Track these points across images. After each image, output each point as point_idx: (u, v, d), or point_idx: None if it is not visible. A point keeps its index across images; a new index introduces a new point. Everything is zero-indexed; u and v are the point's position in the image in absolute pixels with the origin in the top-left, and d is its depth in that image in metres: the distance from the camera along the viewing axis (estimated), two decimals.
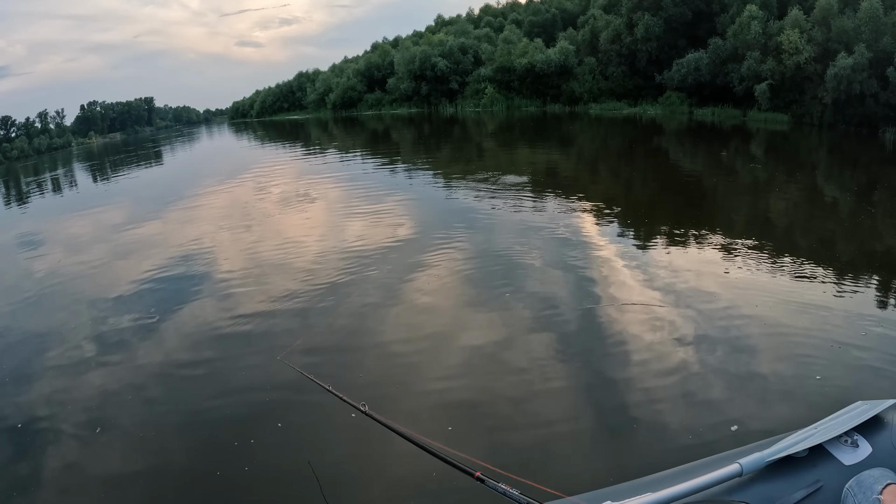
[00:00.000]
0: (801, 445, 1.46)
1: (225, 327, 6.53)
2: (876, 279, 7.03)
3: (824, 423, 1.58)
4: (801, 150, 21.73)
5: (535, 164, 18.59)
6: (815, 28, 27.00)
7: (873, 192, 13.16)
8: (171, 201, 16.06)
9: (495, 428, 4.31)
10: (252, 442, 4.33)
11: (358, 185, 16.00)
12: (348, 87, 61.32)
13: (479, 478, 1.62)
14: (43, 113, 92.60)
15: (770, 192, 13.23)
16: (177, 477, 4.07)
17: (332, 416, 4.44)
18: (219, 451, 4.31)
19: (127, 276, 8.94)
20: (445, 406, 4.64)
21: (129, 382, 5.45)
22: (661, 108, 35.47)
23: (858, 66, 24.03)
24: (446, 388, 4.90)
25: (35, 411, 5.13)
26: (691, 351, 5.18)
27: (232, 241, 10.75)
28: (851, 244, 8.86)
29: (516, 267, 7.82)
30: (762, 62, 28.57)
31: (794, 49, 26.73)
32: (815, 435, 1.51)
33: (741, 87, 30.01)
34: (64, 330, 6.94)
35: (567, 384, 4.86)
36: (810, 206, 11.57)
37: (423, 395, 4.87)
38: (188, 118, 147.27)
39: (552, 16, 52.29)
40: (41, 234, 13.86)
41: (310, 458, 4.09)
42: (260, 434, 4.40)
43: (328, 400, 3.06)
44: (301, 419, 4.58)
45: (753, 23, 29.17)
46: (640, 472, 1.80)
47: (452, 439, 4.03)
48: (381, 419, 2.23)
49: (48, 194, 25.11)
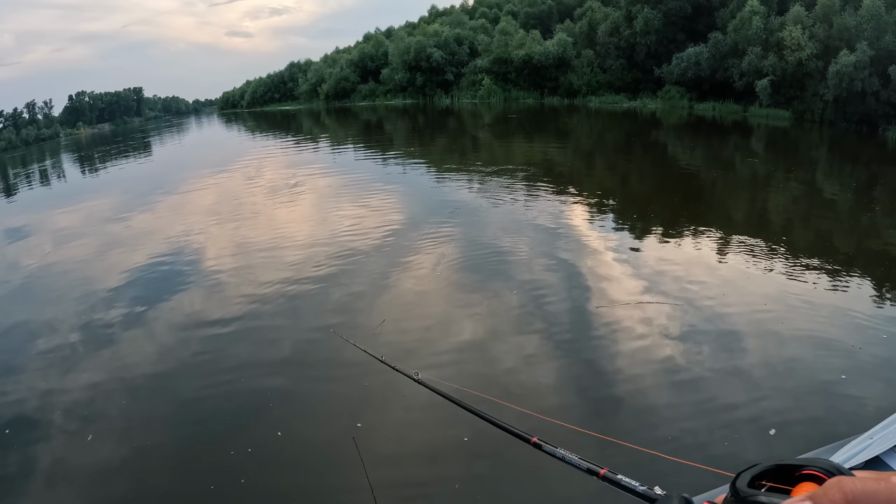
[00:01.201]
0: (858, 458, 1.44)
1: (277, 297, 7.03)
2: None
3: (878, 432, 1.55)
4: (802, 147, 21.66)
5: (542, 158, 18.24)
6: (817, 24, 26.83)
7: (874, 190, 13.11)
8: (161, 192, 15.89)
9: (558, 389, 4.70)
10: (295, 411, 4.66)
11: (361, 177, 15.72)
12: (341, 78, 60.52)
13: (536, 443, 1.58)
14: (31, 103, 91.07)
15: (786, 190, 13.05)
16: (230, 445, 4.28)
17: (384, 386, 4.78)
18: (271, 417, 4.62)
19: (122, 266, 8.88)
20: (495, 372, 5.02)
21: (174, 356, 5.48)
22: (661, 102, 35.25)
23: (860, 64, 23.91)
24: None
25: (33, 403, 5.09)
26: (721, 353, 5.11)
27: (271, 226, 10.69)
28: (869, 246, 8.71)
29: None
30: (763, 58, 28.37)
31: (796, 45, 26.55)
32: (871, 446, 1.49)
33: (741, 83, 29.81)
34: (52, 321, 6.96)
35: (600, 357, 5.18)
36: (822, 206, 11.42)
37: (470, 362, 5.20)
38: (177, 109, 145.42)
39: (548, 7, 51.82)
40: (29, 226, 13.64)
41: (360, 424, 4.36)
42: (302, 407, 4.70)
43: (380, 369, 3.30)
44: (350, 389, 4.86)
45: (755, 18, 28.92)
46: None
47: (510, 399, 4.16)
48: (435, 387, 2.24)
49: (36, 186, 24.60)
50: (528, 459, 2.89)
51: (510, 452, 3.55)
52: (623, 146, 22.08)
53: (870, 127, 24.57)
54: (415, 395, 4.37)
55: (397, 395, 4.68)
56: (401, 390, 4.65)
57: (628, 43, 37.78)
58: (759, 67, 28.45)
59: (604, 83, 40.04)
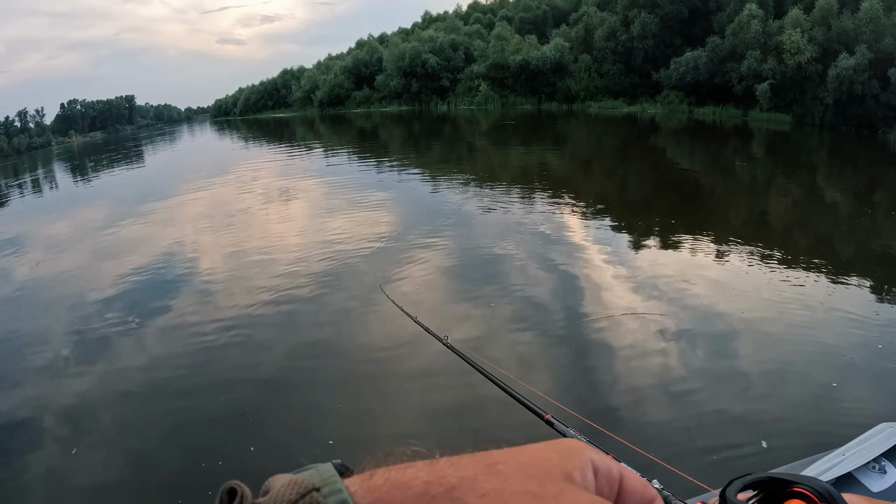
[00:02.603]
0: (830, 473, 1.45)
1: (269, 306, 6.97)
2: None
3: (851, 449, 1.56)
4: (804, 151, 21.59)
5: (556, 166, 17.95)
6: (815, 28, 26.87)
7: (874, 194, 12.99)
8: (153, 201, 15.61)
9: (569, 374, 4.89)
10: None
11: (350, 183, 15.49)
12: (335, 85, 60.13)
13: (549, 420, 1.64)
14: (23, 111, 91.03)
15: (792, 195, 12.83)
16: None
17: (416, 347, 5.13)
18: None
19: (112, 275, 8.77)
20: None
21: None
22: (661, 107, 35.24)
23: (860, 67, 23.95)
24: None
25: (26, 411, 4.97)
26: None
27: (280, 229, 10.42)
28: (874, 252, 8.57)
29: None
30: (763, 61, 28.38)
31: (795, 49, 26.58)
32: (843, 462, 1.49)
33: (740, 87, 29.82)
34: (42, 330, 6.84)
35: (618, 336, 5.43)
36: (829, 211, 11.25)
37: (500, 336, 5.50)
38: (169, 116, 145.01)
39: (543, 12, 51.90)
40: (20, 235, 13.40)
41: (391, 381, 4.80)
42: (290, 419, 4.62)
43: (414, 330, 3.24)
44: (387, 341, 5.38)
45: (753, 22, 28.94)
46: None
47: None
48: (461, 352, 2.25)
49: (28, 195, 24.18)
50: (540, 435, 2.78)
51: (522, 425, 3.50)
52: (627, 152, 21.82)
53: (869, 130, 24.58)
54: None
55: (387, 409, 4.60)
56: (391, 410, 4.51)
57: (625, 47, 37.79)
58: (759, 71, 28.47)
59: (601, 88, 40.03)
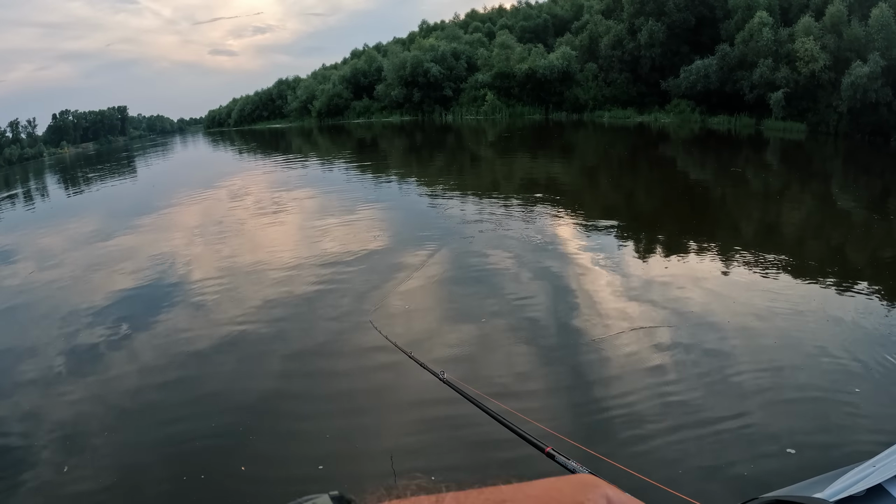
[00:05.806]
0: (860, 486, 1.37)
1: (262, 317, 7.01)
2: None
3: (882, 460, 1.48)
4: (816, 159, 21.68)
5: (587, 189, 17.49)
6: (827, 35, 26.91)
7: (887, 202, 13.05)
8: (145, 212, 15.56)
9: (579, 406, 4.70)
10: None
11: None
12: (334, 94, 59.36)
13: (550, 453, 1.62)
14: (14, 122, 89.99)
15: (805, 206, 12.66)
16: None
17: (410, 382, 4.89)
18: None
19: (108, 287, 8.78)
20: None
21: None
22: (673, 116, 35.08)
23: (874, 75, 24.00)
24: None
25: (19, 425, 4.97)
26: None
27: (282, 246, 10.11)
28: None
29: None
30: (775, 70, 28.36)
31: (809, 57, 26.58)
32: (874, 473, 1.41)
33: (752, 95, 29.80)
34: (34, 342, 6.83)
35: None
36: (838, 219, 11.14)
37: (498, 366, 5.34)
38: (162, 127, 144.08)
39: (543, 21, 52.02)
40: (11, 246, 13.32)
41: (385, 418, 4.63)
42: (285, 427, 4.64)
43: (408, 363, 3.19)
44: (380, 381, 5.13)
45: (765, 29, 28.95)
46: None
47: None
48: (459, 387, 2.26)
49: (19, 206, 23.79)
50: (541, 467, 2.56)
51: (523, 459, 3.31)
52: (659, 166, 20.90)
53: (883, 138, 24.66)
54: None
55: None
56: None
57: (632, 56, 37.74)
58: (771, 79, 28.48)
59: (609, 97, 39.93)
